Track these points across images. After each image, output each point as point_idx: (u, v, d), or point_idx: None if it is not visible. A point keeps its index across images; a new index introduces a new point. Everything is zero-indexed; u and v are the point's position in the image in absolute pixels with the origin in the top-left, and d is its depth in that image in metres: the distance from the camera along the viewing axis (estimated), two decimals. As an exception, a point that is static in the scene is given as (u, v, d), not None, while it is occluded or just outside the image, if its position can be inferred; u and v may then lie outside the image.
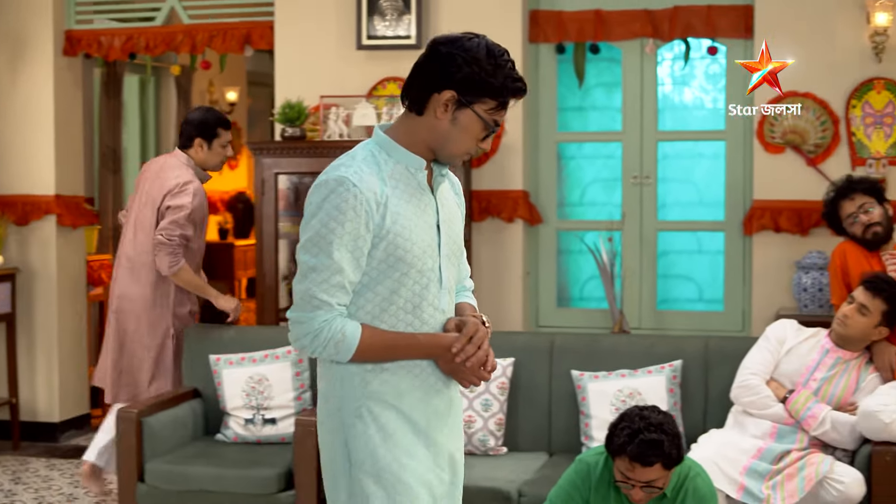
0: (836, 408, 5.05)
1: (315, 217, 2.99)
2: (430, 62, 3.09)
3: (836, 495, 4.70)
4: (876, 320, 5.08)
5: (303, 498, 5.34)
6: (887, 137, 6.76)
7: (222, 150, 6.33)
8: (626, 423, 4.12)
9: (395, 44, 7.24)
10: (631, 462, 4.07)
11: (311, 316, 3.00)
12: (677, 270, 7.41)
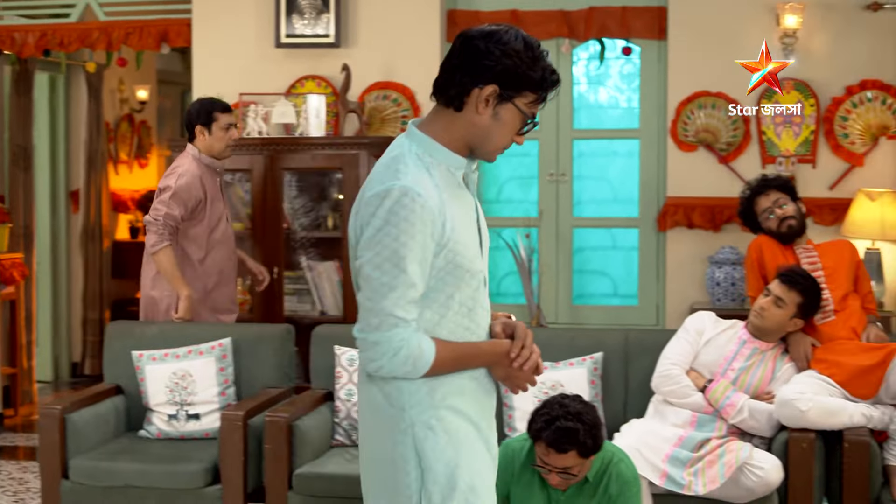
0: (754, 397, 5.20)
1: (382, 231, 2.87)
2: (470, 57, 2.97)
3: (755, 481, 4.84)
4: (791, 312, 5.24)
5: (229, 492, 5.36)
6: (796, 136, 6.96)
7: (224, 134, 6.25)
8: (546, 410, 4.22)
9: (313, 42, 7.29)
10: (547, 448, 4.17)
11: (389, 335, 2.89)
12: (593, 266, 7.55)
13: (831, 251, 5.60)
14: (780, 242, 5.64)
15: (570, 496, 4.34)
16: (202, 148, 6.25)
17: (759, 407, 5.14)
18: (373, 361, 2.92)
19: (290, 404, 5.58)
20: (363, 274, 2.90)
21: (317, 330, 5.99)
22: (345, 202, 6.81)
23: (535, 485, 4.37)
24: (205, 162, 6.25)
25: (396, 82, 7.27)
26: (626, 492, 4.32)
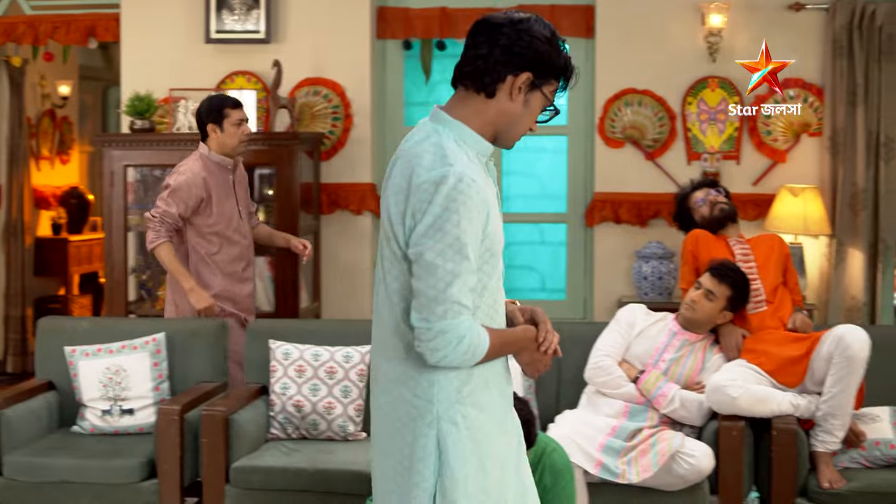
0: (684, 387, 5.31)
1: (442, 217, 2.85)
2: (502, 44, 2.99)
3: (687, 468, 4.95)
4: (721, 305, 5.37)
5: (166, 486, 5.36)
6: (721, 133, 7.10)
7: (236, 129, 6.18)
8: None
9: (243, 38, 7.30)
10: None
11: (456, 323, 2.88)
12: (521, 261, 7.64)
13: (762, 244, 5.74)
14: (713, 233, 5.76)
15: None
16: (214, 146, 6.19)
17: (689, 397, 5.25)
18: (437, 351, 2.90)
19: (226, 398, 5.60)
20: (424, 262, 2.88)
21: (251, 325, 6.03)
22: (277, 198, 6.81)
23: None
24: (214, 160, 6.19)
25: (327, 78, 7.30)
26: (559, 481, 4.40)
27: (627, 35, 7.14)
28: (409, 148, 3.00)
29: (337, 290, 7.29)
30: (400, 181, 2.95)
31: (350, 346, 5.76)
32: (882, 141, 6.88)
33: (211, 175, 6.15)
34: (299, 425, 5.68)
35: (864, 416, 5.23)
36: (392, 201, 2.96)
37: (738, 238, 5.78)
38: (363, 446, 5.58)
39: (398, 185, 2.95)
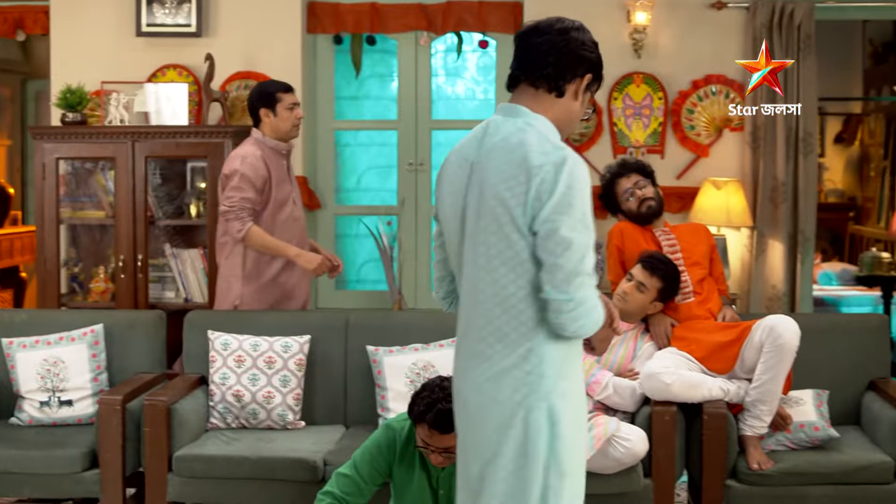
0: (617, 374, 5.47)
1: (569, 195, 3.08)
2: (574, 49, 3.29)
3: (623, 452, 5.10)
4: (653, 296, 5.53)
5: (108, 475, 5.40)
6: (645, 127, 7.28)
7: (289, 114, 6.20)
8: (427, 393, 4.37)
9: (175, 31, 7.33)
10: (430, 429, 4.32)
11: (591, 294, 3.12)
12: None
13: (688, 234, 5.90)
14: (639, 225, 5.91)
15: (451, 471, 4.52)
16: (268, 131, 6.20)
17: (622, 384, 5.41)
18: (577, 321, 3.11)
19: (166, 389, 5.65)
20: (559, 237, 3.08)
21: (189, 316, 6.07)
22: (209, 190, 6.86)
23: (416, 463, 4.54)
24: (269, 144, 6.21)
25: (258, 72, 7.35)
26: None
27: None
28: (505, 139, 3.20)
29: (268, 282, 7.35)
30: (508, 168, 3.15)
31: (288, 336, 5.84)
32: (801, 136, 7.10)
33: (268, 157, 6.18)
34: (239, 415, 5.75)
35: (790, 400, 5.43)
36: (502, 187, 3.15)
37: (663, 229, 5.91)
38: (303, 434, 5.67)
39: (507, 171, 3.15)
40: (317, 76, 7.54)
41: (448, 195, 3.34)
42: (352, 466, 4.59)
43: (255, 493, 5.40)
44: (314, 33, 7.51)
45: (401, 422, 4.63)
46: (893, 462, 5.21)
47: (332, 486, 4.58)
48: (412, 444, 4.54)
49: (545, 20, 3.34)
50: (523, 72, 3.30)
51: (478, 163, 3.25)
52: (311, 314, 6.25)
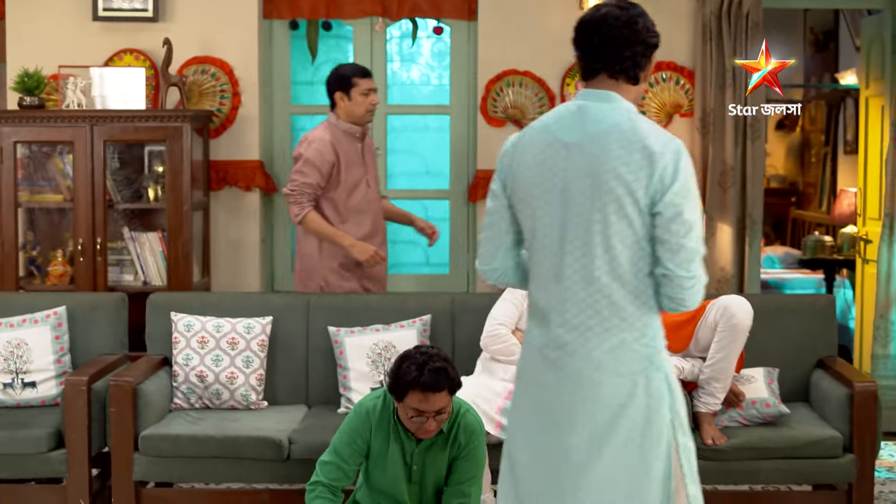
0: None
1: (689, 182, 3.36)
2: (644, 38, 3.50)
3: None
4: None
5: (74, 455, 5.48)
6: (597, 113, 7.40)
7: (364, 99, 6.26)
8: (410, 361, 4.48)
9: (131, 16, 7.35)
10: (423, 392, 4.41)
11: (703, 271, 3.41)
12: (405, 236, 7.86)
13: None
14: None
15: (425, 447, 4.64)
16: (342, 114, 6.28)
17: None
18: (697, 294, 3.39)
19: (131, 369, 5.72)
20: (683, 219, 3.31)
21: (152, 297, 6.14)
22: (167, 174, 6.90)
23: (391, 438, 4.65)
24: (342, 128, 6.29)
25: (215, 57, 7.40)
26: (474, 440, 4.66)
27: (508, 18, 7.39)
28: (616, 125, 3.39)
29: (225, 264, 7.43)
30: (627, 152, 3.34)
31: (251, 318, 5.93)
32: (749, 122, 7.26)
33: (339, 143, 6.27)
34: (202, 395, 5.83)
35: (742, 378, 5.60)
36: (624, 170, 3.33)
37: None
38: (266, 414, 5.77)
39: (626, 156, 3.34)
40: (273, 61, 7.61)
41: (538, 174, 3.48)
42: (332, 452, 4.70)
43: (220, 472, 5.50)
44: (270, 19, 7.56)
45: (372, 399, 4.73)
46: (841, 437, 5.40)
47: (317, 475, 4.70)
48: (386, 419, 4.64)
49: (608, 7, 3.52)
50: (603, 64, 3.51)
51: (581, 145, 3.41)
52: (272, 296, 6.36)
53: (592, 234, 3.39)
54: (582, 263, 3.41)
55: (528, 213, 3.52)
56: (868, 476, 5.42)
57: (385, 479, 4.67)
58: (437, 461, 4.66)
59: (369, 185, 6.44)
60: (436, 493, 4.73)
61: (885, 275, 7.31)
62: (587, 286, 3.41)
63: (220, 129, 7.42)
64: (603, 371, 3.40)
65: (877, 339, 7.35)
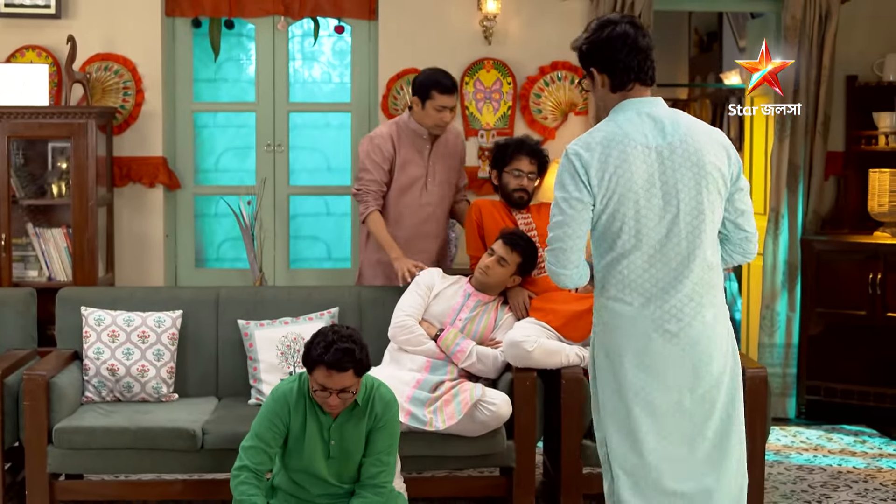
0: (480, 343, 5.81)
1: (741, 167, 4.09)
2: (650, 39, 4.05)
3: (489, 415, 5.43)
4: (512, 270, 5.88)
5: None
6: (495, 111, 7.63)
7: (435, 114, 6.19)
8: (321, 338, 4.66)
9: (34, 12, 7.37)
10: (328, 370, 4.60)
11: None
12: (307, 231, 8.00)
13: (544, 214, 6.26)
14: (505, 205, 6.23)
15: (341, 422, 4.80)
16: (414, 115, 6.28)
17: (485, 352, 5.75)
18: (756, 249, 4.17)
19: (43, 363, 5.77)
20: (746, 194, 4.07)
21: (61, 292, 6.19)
22: (71, 170, 6.94)
23: (307, 417, 4.80)
24: (410, 126, 6.29)
25: (118, 54, 7.45)
26: (389, 410, 4.85)
27: (408, 18, 7.56)
28: (693, 124, 4.02)
29: (129, 260, 7.49)
30: (714, 147, 3.99)
31: (161, 312, 6.02)
32: (641, 120, 7.52)
33: (401, 139, 6.29)
34: (114, 388, 5.91)
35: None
36: (720, 164, 3.98)
37: (522, 213, 6.26)
38: (178, 406, 5.87)
39: (716, 150, 3.98)
40: (176, 59, 7.68)
41: (638, 177, 3.91)
42: (253, 437, 4.82)
43: (134, 463, 5.58)
44: (173, 16, 7.63)
45: (288, 383, 4.88)
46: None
47: (241, 460, 4.82)
48: (303, 398, 4.80)
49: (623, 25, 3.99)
50: (634, 75, 3.99)
51: (672, 145, 3.95)
52: (182, 290, 6.44)
53: (703, 219, 3.96)
54: (693, 245, 3.96)
55: (632, 209, 3.93)
56: (759, 457, 5.66)
57: (303, 459, 4.82)
58: (355, 434, 4.83)
59: (426, 188, 6.40)
60: (355, 469, 4.91)
61: (770, 267, 7.63)
62: (687, 269, 3.95)
63: (124, 125, 7.48)
64: (717, 333, 4.01)
65: (763, 329, 7.68)
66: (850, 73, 7.80)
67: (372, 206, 6.27)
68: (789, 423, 7.55)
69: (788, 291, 7.60)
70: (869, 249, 7.41)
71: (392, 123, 6.40)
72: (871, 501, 5.99)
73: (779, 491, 6.13)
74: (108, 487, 5.87)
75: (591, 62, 4.04)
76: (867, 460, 6.72)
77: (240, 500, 4.76)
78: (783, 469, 6.53)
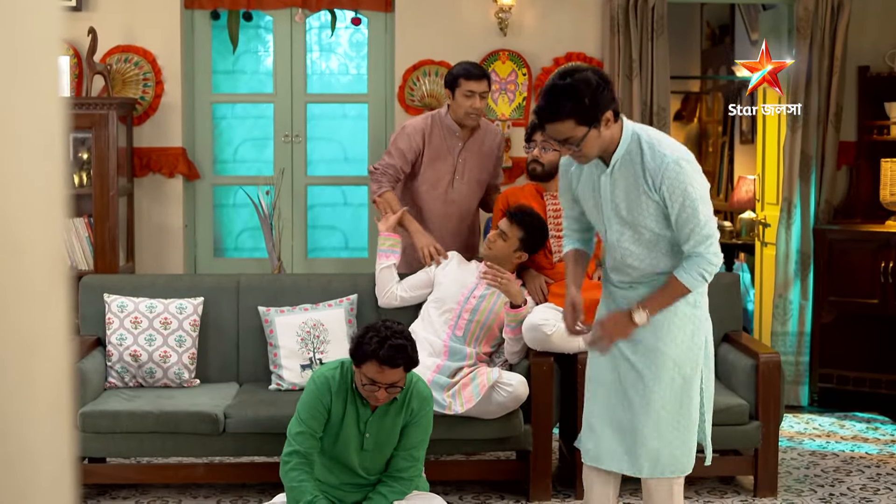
0: (494, 324, 5.89)
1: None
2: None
3: (506, 396, 5.53)
4: (514, 245, 5.94)
5: None
6: (511, 102, 7.71)
7: (465, 101, 6.24)
8: (374, 333, 4.69)
9: (55, 5, 7.46)
10: (380, 365, 4.64)
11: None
12: (325, 221, 8.09)
13: None
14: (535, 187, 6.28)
15: (379, 415, 4.87)
16: (451, 111, 6.36)
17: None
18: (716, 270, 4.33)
19: (66, 349, 5.86)
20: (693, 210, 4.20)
21: (85, 279, 6.29)
22: (94, 160, 7.04)
23: (349, 407, 4.85)
24: (445, 122, 6.36)
25: (138, 46, 7.55)
26: (424, 406, 4.91)
27: (424, 9, 7.64)
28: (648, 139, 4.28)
29: (149, 249, 7.59)
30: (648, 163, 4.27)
31: (183, 298, 6.12)
32: (655, 110, 7.60)
33: (433, 133, 6.36)
34: (136, 374, 6.01)
35: (654, 351, 5.93)
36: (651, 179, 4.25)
37: (554, 193, 6.32)
38: (199, 391, 5.97)
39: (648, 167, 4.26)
40: (195, 50, 7.77)
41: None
42: (301, 423, 4.84)
43: (157, 447, 5.68)
44: (192, 9, 7.73)
45: (330, 369, 4.90)
46: (748, 405, 5.75)
47: (291, 445, 4.84)
48: (344, 387, 4.84)
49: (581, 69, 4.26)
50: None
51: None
52: (203, 277, 6.53)
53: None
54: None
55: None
56: (773, 441, 5.79)
57: (337, 447, 4.88)
58: (391, 428, 4.89)
59: (452, 186, 6.47)
60: (384, 463, 4.97)
61: (783, 255, 7.71)
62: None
63: (144, 116, 7.57)
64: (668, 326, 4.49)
65: (776, 317, 7.75)
66: (862, 63, 7.87)
67: (386, 186, 6.34)
68: (802, 411, 7.62)
69: (801, 280, 7.68)
70: (881, 238, 7.47)
71: (428, 116, 6.48)
72: (884, 485, 6.06)
73: (792, 476, 6.21)
74: (130, 471, 5.98)
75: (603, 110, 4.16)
76: (879, 446, 6.80)
77: (291, 487, 4.79)
78: (796, 455, 6.61)
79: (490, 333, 5.96)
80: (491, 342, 5.98)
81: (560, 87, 4.12)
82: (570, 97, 4.10)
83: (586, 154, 4.22)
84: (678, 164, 4.16)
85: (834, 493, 5.93)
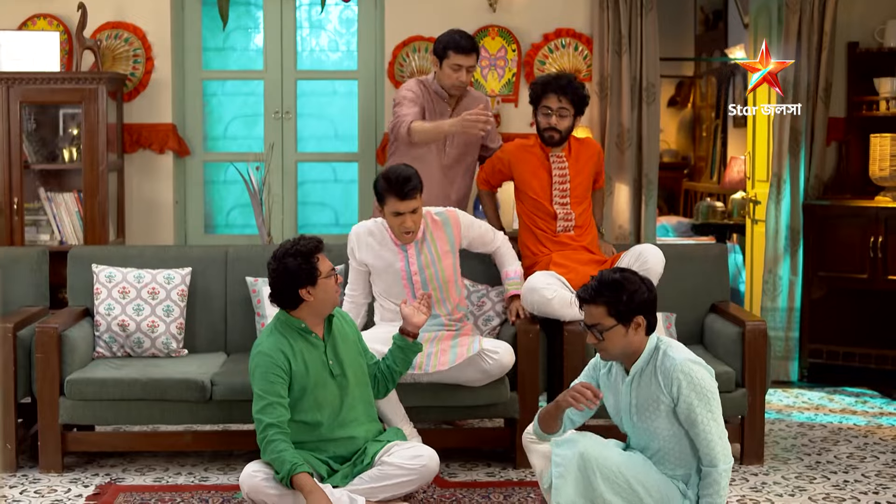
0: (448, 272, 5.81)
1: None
2: None
3: (491, 363, 5.53)
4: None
5: (1, 400, 5.63)
6: (500, 78, 7.71)
7: (452, 73, 6.34)
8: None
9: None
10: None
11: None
12: (315, 198, 8.09)
13: (582, 156, 6.32)
14: (541, 146, 6.30)
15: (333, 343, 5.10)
16: (437, 76, 6.43)
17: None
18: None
19: (55, 318, 5.88)
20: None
21: (73, 251, 6.30)
22: (83, 135, 7.03)
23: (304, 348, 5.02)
24: (432, 87, 6.44)
25: (128, 22, 7.55)
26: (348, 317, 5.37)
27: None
28: None
29: (139, 225, 7.60)
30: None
31: (170, 269, 6.12)
32: (644, 86, 7.59)
33: (424, 99, 6.41)
34: (124, 343, 6.01)
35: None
36: None
37: (559, 154, 6.28)
38: (187, 360, 5.99)
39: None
40: (185, 27, 7.77)
41: None
42: (260, 398, 4.90)
43: (144, 414, 5.69)
44: (182, -15, 7.74)
45: (267, 337, 5.05)
46: (734, 372, 5.76)
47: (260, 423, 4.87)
48: (289, 337, 4.99)
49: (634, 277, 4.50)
50: None
51: None
52: (191, 248, 6.55)
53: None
54: None
55: None
56: (759, 409, 5.79)
57: (317, 392, 4.97)
58: (346, 345, 5.09)
59: (445, 151, 6.55)
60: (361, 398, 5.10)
61: (773, 231, 7.71)
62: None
63: (134, 93, 7.58)
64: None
65: (766, 293, 7.76)
66: (852, 39, 7.87)
67: (408, 119, 6.28)
68: (791, 386, 7.62)
69: (791, 256, 7.68)
70: (870, 213, 7.48)
71: (418, 82, 6.53)
72: (870, 454, 6.07)
73: (779, 445, 6.22)
74: (118, 438, 5.99)
75: (636, 313, 4.40)
76: (868, 418, 6.81)
77: (273, 459, 4.82)
78: (784, 426, 6.61)
79: (449, 285, 5.82)
80: (457, 292, 5.87)
81: (609, 279, 4.40)
82: (613, 288, 4.37)
83: (607, 348, 4.44)
84: (686, 365, 4.40)
85: (821, 461, 5.93)
